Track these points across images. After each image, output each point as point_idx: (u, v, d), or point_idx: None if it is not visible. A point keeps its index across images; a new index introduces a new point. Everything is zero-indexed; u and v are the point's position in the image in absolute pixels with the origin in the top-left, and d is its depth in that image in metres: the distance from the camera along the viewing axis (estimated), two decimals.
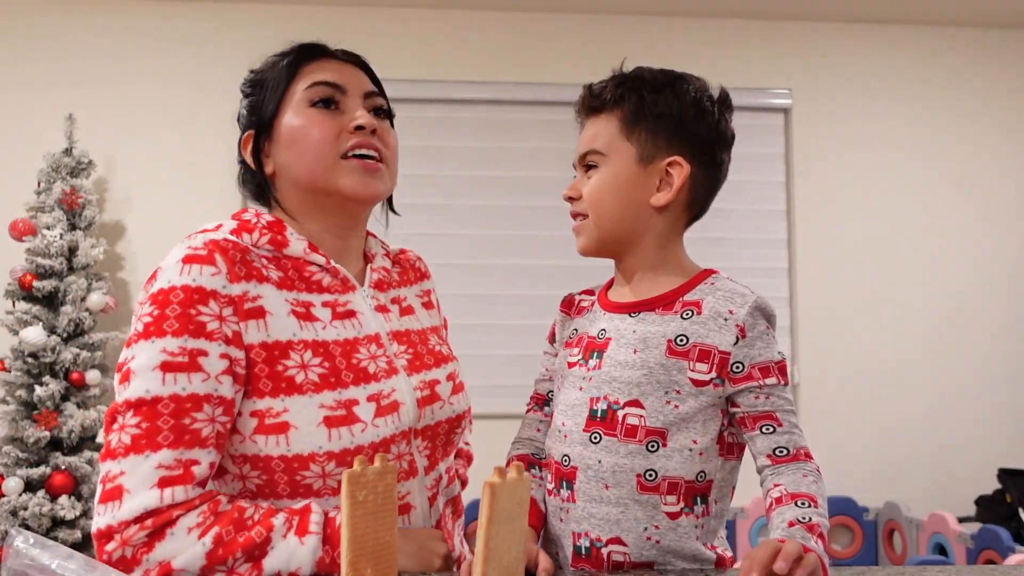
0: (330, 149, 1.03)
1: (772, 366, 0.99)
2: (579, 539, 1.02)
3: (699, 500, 1.01)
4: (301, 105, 1.05)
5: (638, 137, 1.03)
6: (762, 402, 0.99)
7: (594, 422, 1.02)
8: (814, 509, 0.93)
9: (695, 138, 1.04)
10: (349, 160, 1.04)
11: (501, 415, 3.37)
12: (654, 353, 1.00)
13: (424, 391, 1.05)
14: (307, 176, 1.04)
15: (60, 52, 3.33)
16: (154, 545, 0.87)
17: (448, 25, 3.48)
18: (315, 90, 1.05)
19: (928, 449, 3.52)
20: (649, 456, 0.99)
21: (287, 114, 1.05)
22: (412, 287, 1.20)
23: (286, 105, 1.05)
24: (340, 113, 1.05)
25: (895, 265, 3.58)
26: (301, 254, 1.03)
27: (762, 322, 1.00)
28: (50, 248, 2.92)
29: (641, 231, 1.05)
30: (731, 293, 1.02)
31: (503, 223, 3.48)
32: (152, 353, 0.92)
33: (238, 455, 0.96)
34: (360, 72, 1.10)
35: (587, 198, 1.06)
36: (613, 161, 1.04)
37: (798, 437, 0.99)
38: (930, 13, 3.55)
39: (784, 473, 0.97)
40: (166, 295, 0.94)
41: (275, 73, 1.07)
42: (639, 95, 1.04)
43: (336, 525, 0.94)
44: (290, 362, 0.97)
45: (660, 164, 1.03)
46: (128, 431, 0.90)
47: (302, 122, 1.04)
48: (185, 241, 0.99)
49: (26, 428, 2.81)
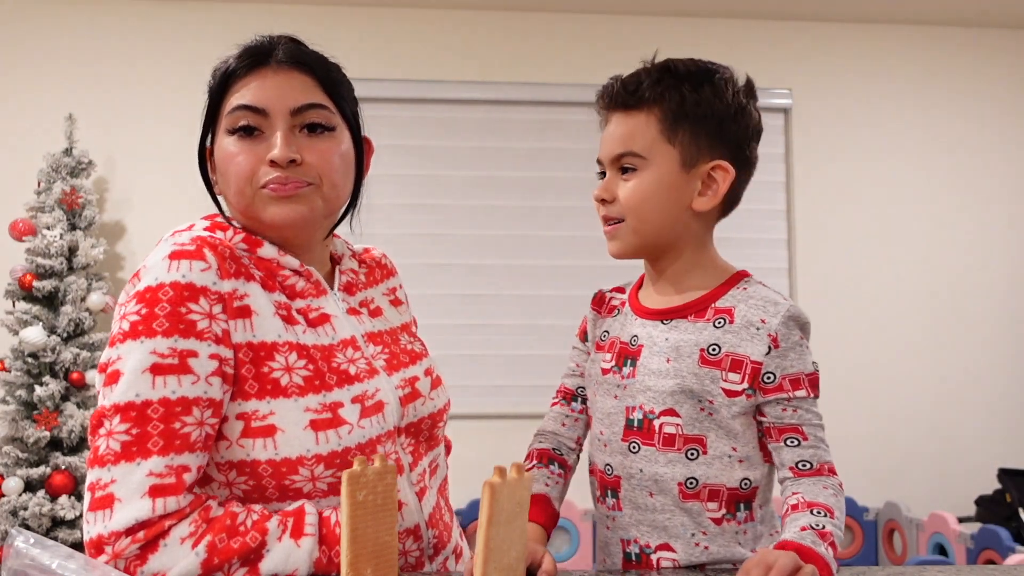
0: (247, 185, 0.99)
1: (803, 378, 0.98)
2: (628, 546, 1.02)
3: (742, 506, 1.00)
4: (224, 132, 1.01)
5: (681, 140, 0.99)
6: (789, 415, 0.98)
7: (631, 432, 1.02)
8: (829, 519, 0.92)
9: (735, 139, 1.01)
10: (267, 190, 0.98)
11: (501, 415, 3.38)
12: (687, 363, 0.99)
13: (406, 389, 1.05)
14: (235, 205, 1.02)
15: (60, 52, 3.33)
16: (147, 558, 0.86)
17: (448, 25, 3.48)
18: (236, 116, 0.99)
19: (928, 449, 3.52)
20: (689, 464, 0.99)
21: (219, 137, 1.02)
22: (378, 287, 1.18)
23: (218, 127, 1.02)
24: (262, 140, 0.99)
25: (895, 265, 3.58)
26: (275, 255, 1.01)
27: (796, 332, 0.98)
28: (50, 248, 2.92)
29: (679, 235, 1.02)
30: (764, 301, 0.99)
31: (503, 223, 3.47)
32: (141, 354, 0.89)
33: (224, 462, 0.94)
34: (297, 78, 1.01)
35: (626, 203, 1.01)
36: (655, 166, 0.99)
37: (823, 452, 0.98)
38: (930, 13, 3.55)
39: (804, 484, 0.97)
40: (154, 293, 0.91)
41: (212, 87, 1.02)
42: (680, 93, 0.99)
43: (331, 524, 0.93)
44: (275, 364, 0.95)
45: (703, 168, 1.00)
46: (117, 437, 0.88)
47: (225, 152, 1.00)
48: (169, 238, 0.97)
49: (26, 428, 2.81)
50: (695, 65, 1.01)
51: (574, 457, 1.14)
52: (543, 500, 1.06)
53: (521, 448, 1.19)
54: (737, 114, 1.01)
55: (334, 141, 1.03)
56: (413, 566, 1.02)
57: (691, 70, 1.01)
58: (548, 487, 1.08)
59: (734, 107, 1.00)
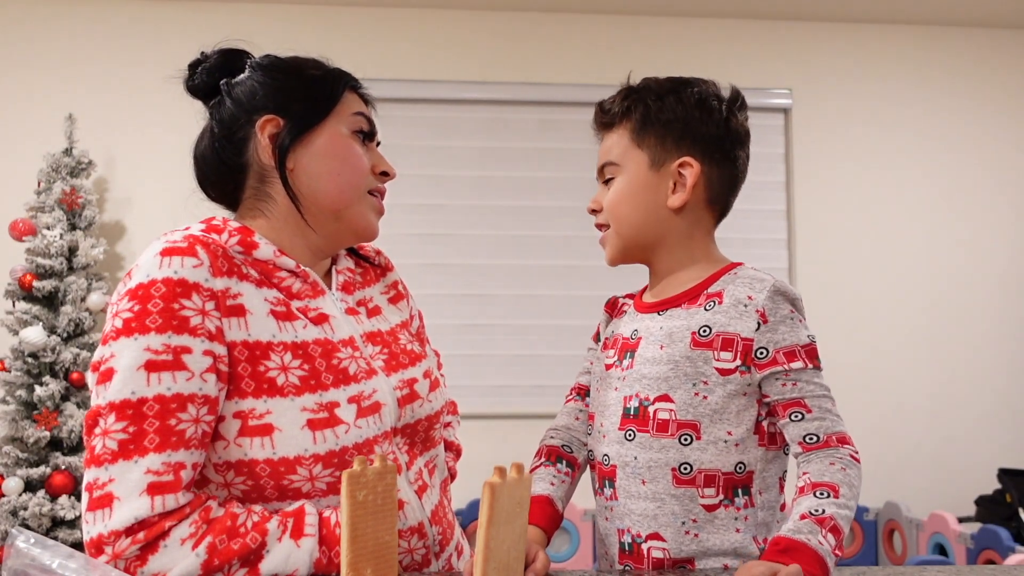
0: (363, 182, 1.06)
1: (798, 350, 0.99)
2: (623, 535, 1.04)
3: (740, 492, 1.01)
4: (344, 128, 1.06)
5: (648, 143, 1.06)
6: (790, 388, 0.99)
7: (627, 420, 1.04)
8: (832, 499, 0.92)
9: (703, 137, 1.06)
10: (373, 197, 1.08)
11: (501, 415, 3.38)
12: (679, 347, 1.01)
13: (403, 390, 1.05)
14: (334, 194, 1.04)
15: (60, 52, 3.33)
16: (147, 559, 0.85)
17: (448, 25, 3.48)
18: (360, 120, 1.08)
19: (928, 449, 3.52)
20: (683, 449, 1.00)
21: (330, 128, 1.05)
22: (376, 285, 1.18)
23: (332, 118, 1.06)
24: (370, 151, 1.09)
25: (895, 265, 3.58)
26: (271, 256, 1.01)
27: (784, 305, 1.00)
28: (50, 248, 2.92)
29: (663, 233, 1.07)
30: (751, 280, 1.03)
31: (503, 223, 3.48)
32: (135, 352, 0.89)
33: (221, 463, 0.94)
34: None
35: (606, 207, 1.09)
36: (627, 170, 1.07)
37: (830, 422, 0.99)
38: (930, 13, 3.55)
39: (813, 461, 0.97)
40: (146, 289, 0.91)
41: (325, 79, 1.07)
42: (645, 105, 1.07)
43: (331, 524, 0.93)
44: (271, 363, 0.95)
45: (671, 166, 1.05)
46: (113, 435, 0.87)
47: (347, 144, 1.06)
48: (161, 238, 0.97)
49: (26, 428, 2.81)
50: (667, 80, 1.10)
51: (584, 453, 1.15)
52: (544, 502, 1.06)
53: (521, 448, 1.19)
54: (704, 116, 1.06)
55: None
56: (420, 563, 1.03)
57: (661, 84, 1.09)
58: (553, 486, 1.09)
59: (699, 110, 1.06)
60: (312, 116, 1.04)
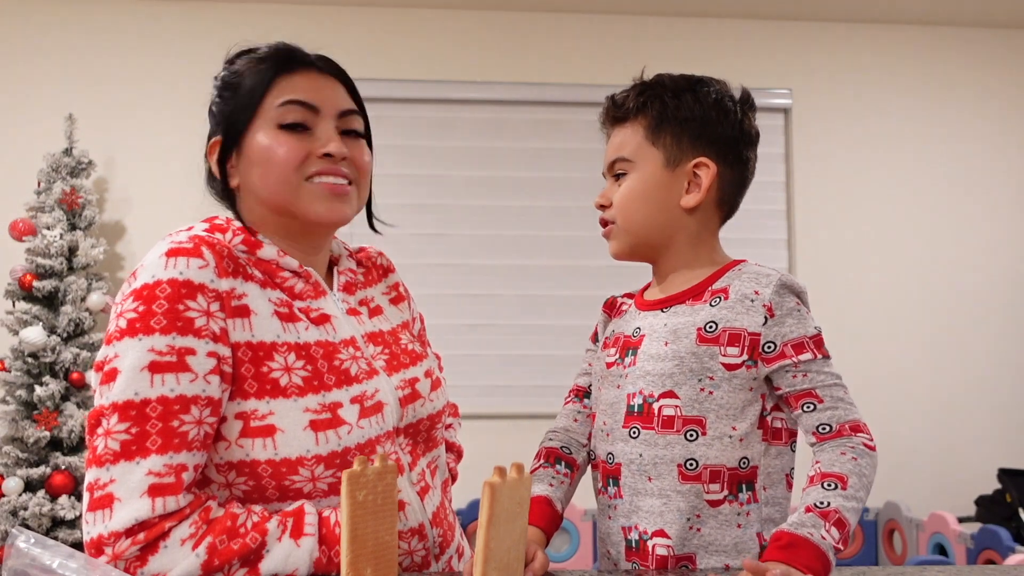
0: (294, 173, 1.00)
1: (806, 341, 0.99)
2: (629, 533, 1.03)
3: (744, 487, 1.00)
4: (271, 124, 1.01)
5: (663, 142, 1.05)
6: (800, 380, 0.99)
7: (632, 417, 1.03)
8: (839, 491, 0.92)
9: (719, 138, 1.05)
10: (314, 183, 1.01)
11: (500, 415, 3.38)
12: (685, 343, 1.01)
13: (405, 390, 1.05)
14: (272, 197, 1.01)
15: (60, 52, 3.33)
16: (147, 559, 0.85)
17: (448, 25, 3.48)
18: (287, 110, 1.01)
19: (928, 449, 3.52)
20: (688, 445, 1.00)
21: (257, 131, 1.01)
22: (377, 286, 1.18)
23: (257, 120, 1.01)
24: (310, 135, 1.02)
25: (895, 265, 3.58)
26: (275, 256, 1.01)
27: (790, 299, 1.01)
28: (50, 248, 2.92)
29: (672, 233, 1.07)
30: (756, 275, 1.03)
31: (503, 223, 3.47)
32: (139, 352, 0.89)
33: (223, 463, 0.94)
34: (338, 85, 1.06)
35: (616, 204, 1.07)
36: (641, 167, 1.06)
37: (843, 411, 0.98)
38: (930, 13, 3.55)
39: (826, 450, 0.97)
40: (151, 290, 0.91)
41: (249, 81, 1.02)
42: (661, 101, 1.05)
43: (331, 524, 0.93)
44: (274, 364, 0.95)
45: (687, 166, 1.05)
46: (116, 436, 0.87)
47: (270, 143, 1.00)
48: (166, 238, 0.97)
49: (26, 428, 2.81)
50: (682, 78, 1.09)
51: (584, 454, 1.14)
52: (544, 502, 1.06)
53: (521, 448, 1.19)
54: (721, 116, 1.06)
55: (365, 148, 1.08)
56: (420, 565, 1.02)
57: (676, 81, 1.08)
58: (552, 487, 1.08)
59: (716, 110, 1.05)
60: (238, 125, 1.02)
